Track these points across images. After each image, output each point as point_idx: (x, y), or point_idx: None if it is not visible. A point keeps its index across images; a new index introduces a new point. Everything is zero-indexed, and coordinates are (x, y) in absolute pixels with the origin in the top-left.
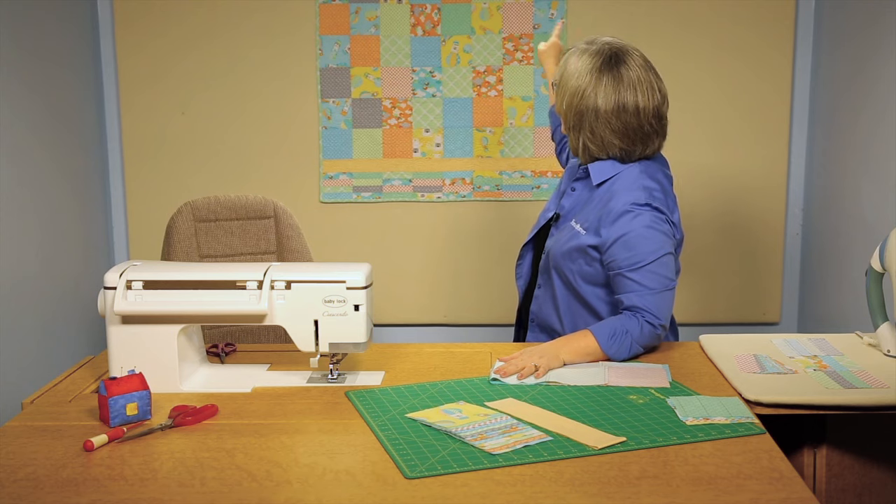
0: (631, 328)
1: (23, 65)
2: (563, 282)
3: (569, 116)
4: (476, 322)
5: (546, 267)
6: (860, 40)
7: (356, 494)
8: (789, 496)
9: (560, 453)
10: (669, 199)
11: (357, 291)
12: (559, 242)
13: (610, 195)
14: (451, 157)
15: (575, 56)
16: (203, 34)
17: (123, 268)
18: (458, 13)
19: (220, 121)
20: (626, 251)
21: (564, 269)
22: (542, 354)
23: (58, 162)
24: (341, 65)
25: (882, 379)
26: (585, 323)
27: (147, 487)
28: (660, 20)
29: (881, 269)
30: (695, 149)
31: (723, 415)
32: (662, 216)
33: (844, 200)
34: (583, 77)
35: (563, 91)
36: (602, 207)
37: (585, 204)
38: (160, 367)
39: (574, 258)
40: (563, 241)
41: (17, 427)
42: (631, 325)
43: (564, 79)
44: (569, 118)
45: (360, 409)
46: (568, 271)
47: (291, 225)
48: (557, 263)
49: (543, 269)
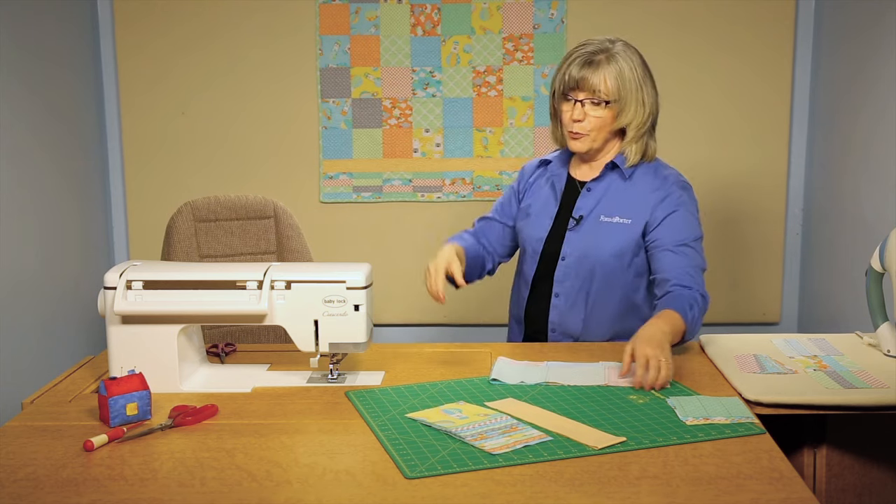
0: (694, 301)
1: (23, 65)
2: (607, 283)
3: (641, 126)
4: (476, 322)
5: (568, 274)
6: (860, 41)
7: (356, 494)
8: (789, 496)
9: (560, 453)
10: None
11: (357, 291)
12: (597, 244)
13: (648, 177)
14: (451, 157)
15: (626, 62)
16: (203, 34)
17: (123, 268)
18: (458, 13)
19: (220, 121)
20: (675, 227)
21: (615, 268)
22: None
23: (58, 162)
24: (341, 65)
25: (882, 379)
26: (634, 318)
27: (147, 487)
28: (659, 20)
29: (881, 269)
30: (695, 149)
31: (723, 415)
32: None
33: (844, 200)
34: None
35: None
36: (642, 192)
37: (617, 196)
38: (160, 367)
39: (623, 254)
40: (606, 242)
41: (17, 427)
42: (693, 298)
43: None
44: (641, 127)
45: (360, 409)
46: (619, 269)
47: (291, 225)
48: (603, 264)
49: (563, 276)
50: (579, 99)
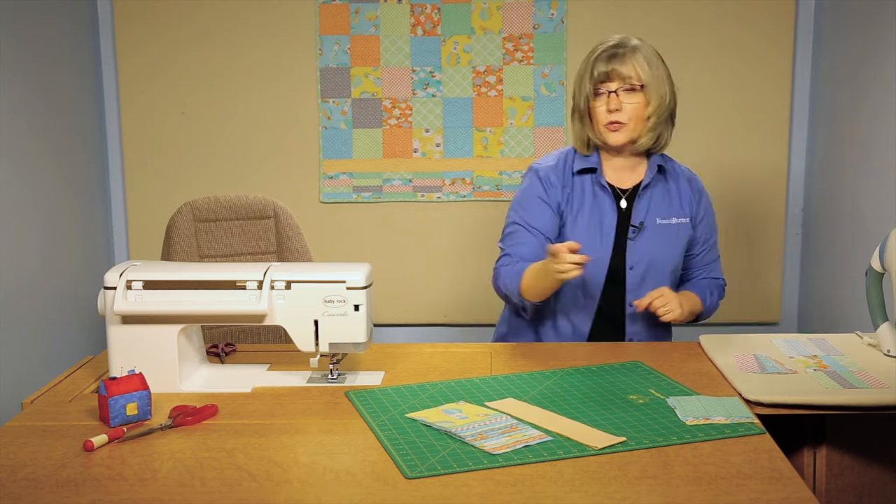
0: (716, 288)
1: (23, 64)
2: (674, 285)
3: (664, 110)
4: (476, 322)
5: (642, 281)
6: (859, 40)
7: (356, 494)
8: (789, 496)
9: (560, 453)
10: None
11: (357, 291)
12: (666, 248)
13: (676, 173)
14: (451, 157)
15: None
16: (203, 34)
17: (123, 268)
18: (458, 13)
19: (220, 121)
20: (710, 224)
21: (678, 270)
22: (678, 308)
23: (58, 162)
24: (341, 65)
25: (882, 379)
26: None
27: (147, 487)
28: (660, 20)
29: (881, 269)
30: (695, 148)
31: (723, 415)
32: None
33: (844, 200)
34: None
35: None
36: (682, 189)
37: (664, 197)
38: (160, 367)
39: (683, 253)
40: (670, 244)
41: (17, 427)
42: (715, 288)
43: (658, 76)
44: (662, 114)
45: (360, 409)
46: (679, 270)
47: (291, 225)
48: (674, 268)
49: (636, 285)
50: (612, 90)
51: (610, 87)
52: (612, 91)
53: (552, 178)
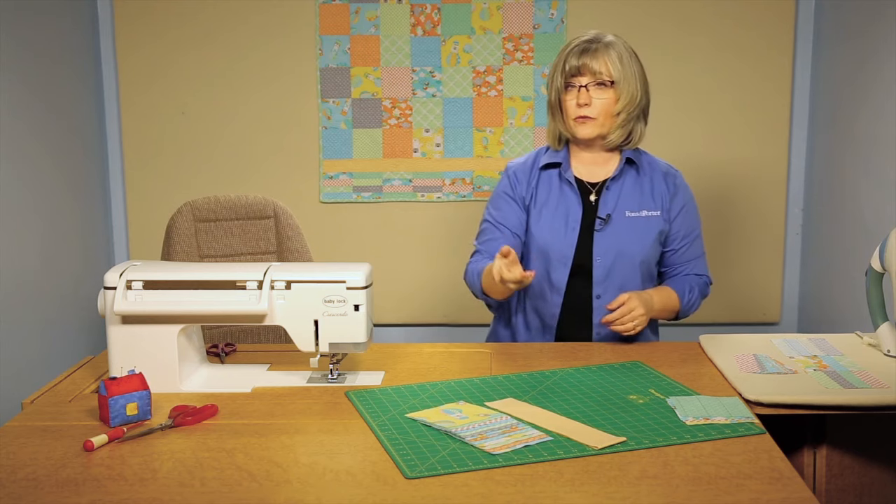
0: (695, 285)
1: (23, 64)
2: (644, 277)
3: (635, 107)
4: (476, 322)
5: (609, 273)
6: (860, 40)
7: (356, 494)
8: (789, 496)
9: (560, 453)
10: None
11: (357, 291)
12: (634, 240)
13: (651, 168)
14: (451, 157)
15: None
16: (203, 34)
17: (123, 268)
18: (458, 13)
19: (220, 121)
20: (689, 219)
21: (650, 263)
22: (646, 311)
23: (58, 162)
24: (341, 65)
25: (882, 379)
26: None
27: (147, 487)
28: (660, 20)
29: (881, 269)
30: (694, 148)
31: (723, 415)
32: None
33: (844, 200)
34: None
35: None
36: (656, 183)
37: (635, 190)
38: (160, 367)
39: (655, 247)
40: (639, 237)
41: (17, 427)
42: (697, 284)
43: (630, 73)
44: (633, 111)
45: (360, 409)
46: (651, 263)
47: (291, 225)
48: (643, 260)
49: (603, 277)
50: (583, 84)
51: (581, 81)
52: (582, 85)
53: (519, 175)
